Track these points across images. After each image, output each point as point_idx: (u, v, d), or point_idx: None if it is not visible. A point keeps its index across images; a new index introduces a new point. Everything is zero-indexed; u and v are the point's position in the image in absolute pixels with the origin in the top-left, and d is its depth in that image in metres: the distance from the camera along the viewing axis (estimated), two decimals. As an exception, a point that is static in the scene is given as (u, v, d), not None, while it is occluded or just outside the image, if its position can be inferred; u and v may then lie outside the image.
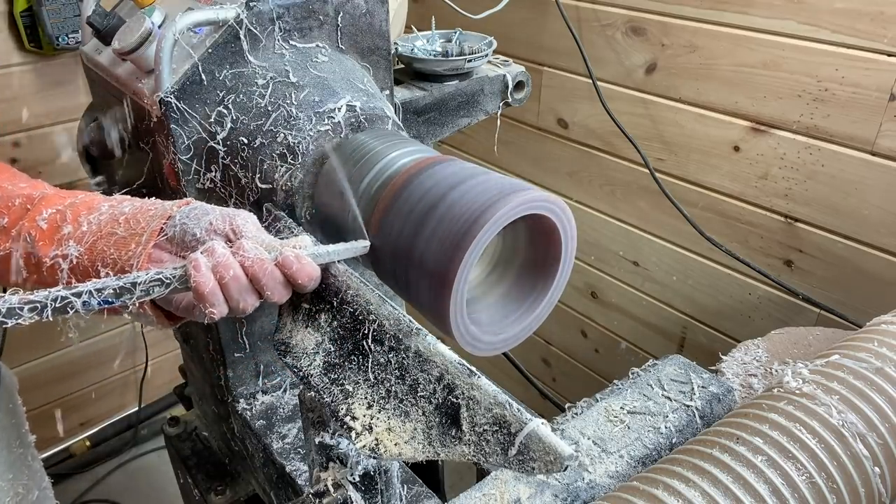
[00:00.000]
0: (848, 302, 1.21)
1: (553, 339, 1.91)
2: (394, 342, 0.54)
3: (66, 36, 1.45)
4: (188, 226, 0.59)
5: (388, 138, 0.70)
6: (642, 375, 0.92)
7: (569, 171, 1.66)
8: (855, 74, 1.10)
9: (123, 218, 0.61)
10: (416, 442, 0.51)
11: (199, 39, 0.75)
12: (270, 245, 0.58)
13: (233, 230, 0.59)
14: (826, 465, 0.66)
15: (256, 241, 0.58)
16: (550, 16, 1.50)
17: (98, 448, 2.02)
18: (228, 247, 0.57)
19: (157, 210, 0.62)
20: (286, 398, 0.96)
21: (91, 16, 0.81)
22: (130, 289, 0.52)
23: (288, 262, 0.56)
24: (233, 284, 0.55)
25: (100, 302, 0.51)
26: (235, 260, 0.56)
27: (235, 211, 0.61)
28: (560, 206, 0.60)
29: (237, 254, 0.56)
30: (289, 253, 0.57)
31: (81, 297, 0.50)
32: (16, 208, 0.67)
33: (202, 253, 0.55)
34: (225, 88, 0.75)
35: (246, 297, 0.57)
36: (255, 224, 0.61)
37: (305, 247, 0.59)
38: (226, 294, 0.56)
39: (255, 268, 0.56)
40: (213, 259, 0.55)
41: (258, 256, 0.56)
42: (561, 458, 0.43)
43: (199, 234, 0.59)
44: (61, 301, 0.49)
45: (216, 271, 0.55)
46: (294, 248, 0.58)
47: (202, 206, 0.62)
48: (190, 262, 0.54)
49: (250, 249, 0.56)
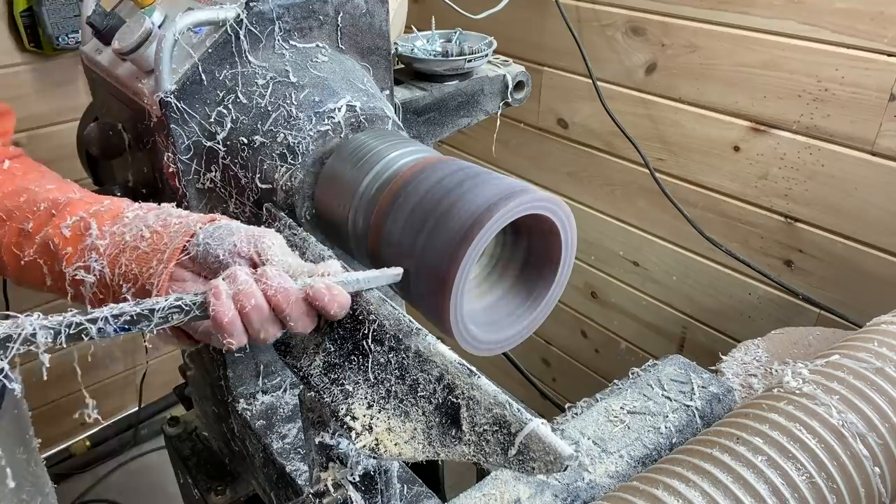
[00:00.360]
0: (848, 302, 1.21)
1: (553, 339, 1.91)
2: (394, 342, 0.54)
3: (66, 36, 1.45)
4: (211, 246, 0.57)
5: (388, 138, 0.70)
6: (642, 375, 0.92)
7: (569, 171, 1.66)
8: (855, 74, 1.10)
9: (148, 231, 0.60)
10: (416, 442, 0.51)
11: (199, 39, 0.75)
12: (297, 270, 0.56)
13: (258, 252, 0.56)
14: (826, 465, 0.66)
15: (283, 264, 0.55)
16: (550, 16, 1.50)
17: (98, 448, 2.02)
18: (252, 272, 0.54)
19: (181, 225, 0.59)
20: (286, 398, 0.96)
21: (91, 16, 0.81)
22: (148, 316, 0.50)
23: (319, 294, 0.53)
24: (254, 314, 0.53)
25: (116, 328, 0.49)
26: (258, 288, 0.53)
27: (261, 232, 0.58)
28: (560, 206, 0.60)
29: (260, 281, 0.53)
30: (319, 284, 0.54)
31: (97, 323, 0.48)
32: (41, 213, 0.65)
33: (224, 279, 0.53)
34: (225, 88, 0.75)
35: (268, 328, 0.54)
36: (282, 246, 0.58)
37: (334, 273, 0.56)
38: (246, 323, 0.53)
39: (278, 297, 0.53)
40: (234, 286, 0.52)
41: (282, 286, 0.53)
42: (561, 458, 0.43)
43: (223, 255, 0.56)
44: (76, 327, 0.48)
45: (237, 300, 0.52)
46: (323, 274, 0.55)
47: (227, 224, 0.59)
48: (210, 289, 0.52)
49: (274, 277, 0.53)
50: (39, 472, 0.91)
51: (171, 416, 1.29)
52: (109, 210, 0.63)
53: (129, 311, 0.49)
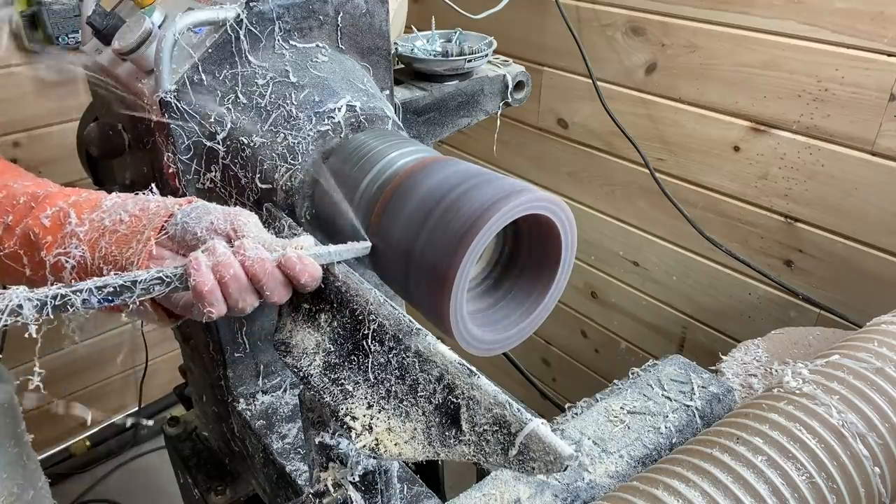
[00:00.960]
0: (848, 302, 1.21)
1: (553, 339, 1.91)
2: (394, 342, 0.54)
3: (66, 36, 1.45)
4: (189, 224, 0.59)
5: (387, 138, 0.70)
6: (642, 375, 0.92)
7: (569, 171, 1.66)
8: (855, 74, 1.10)
9: (126, 215, 0.62)
10: (416, 442, 0.51)
11: (199, 39, 0.75)
12: (272, 244, 0.58)
13: (234, 229, 0.59)
14: (826, 465, 0.66)
15: (258, 240, 0.58)
16: (550, 16, 1.50)
17: (98, 448, 2.02)
18: (229, 246, 0.57)
19: (160, 207, 0.62)
20: (286, 398, 0.96)
21: (91, 16, 0.81)
22: (131, 287, 0.52)
23: (290, 263, 0.56)
24: (232, 284, 0.55)
25: (100, 300, 0.51)
26: (236, 259, 0.56)
27: (237, 210, 0.61)
28: (560, 207, 0.60)
29: (238, 253, 0.56)
30: (291, 253, 0.57)
31: (82, 294, 0.50)
32: (20, 206, 0.67)
33: (203, 252, 0.56)
34: (225, 88, 0.75)
35: (245, 297, 0.57)
36: (256, 224, 0.61)
37: (307, 247, 0.59)
38: (225, 293, 0.55)
39: (255, 267, 0.56)
40: (213, 258, 0.55)
41: (259, 256, 0.56)
42: (561, 458, 0.43)
43: (200, 233, 0.59)
44: (61, 299, 0.49)
45: (216, 270, 0.55)
46: (296, 248, 0.58)
47: (204, 204, 0.61)
48: (190, 260, 0.54)
49: (251, 249, 0.56)
50: (32, 465, 0.91)
51: (171, 416, 1.29)
52: (88, 200, 0.65)
53: (112, 282, 0.51)
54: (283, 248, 0.58)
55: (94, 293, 0.51)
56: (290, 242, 0.59)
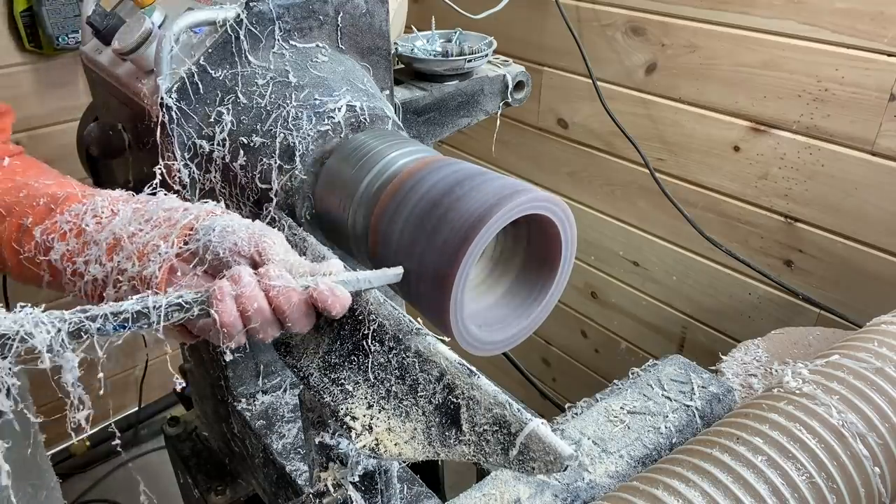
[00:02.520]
0: (848, 302, 1.21)
1: (553, 339, 1.91)
2: (394, 342, 0.54)
3: (66, 36, 1.45)
4: (212, 243, 0.56)
5: (388, 138, 0.70)
6: (642, 375, 0.92)
7: (569, 171, 1.66)
8: (855, 74, 1.10)
9: (148, 225, 0.59)
10: (416, 442, 0.51)
11: (198, 39, 0.74)
12: (298, 268, 0.55)
13: (259, 252, 0.55)
14: (826, 465, 0.66)
15: (284, 265, 0.55)
16: (550, 16, 1.50)
17: (98, 448, 2.02)
18: (254, 272, 0.53)
19: (181, 218, 0.59)
20: (286, 398, 0.96)
21: (91, 16, 0.81)
22: (147, 314, 0.49)
23: (322, 297, 0.53)
24: (256, 316, 0.52)
25: (115, 327, 0.48)
26: (261, 290, 0.52)
27: (262, 230, 0.57)
28: (560, 207, 0.60)
29: (262, 281, 0.53)
30: (322, 287, 0.53)
31: (96, 321, 0.48)
32: (40, 208, 0.65)
33: (227, 279, 0.52)
34: (225, 89, 0.75)
35: (267, 329, 0.54)
36: (283, 245, 0.57)
37: (336, 272, 0.55)
38: (246, 324, 0.53)
39: (280, 300, 0.52)
40: (237, 288, 0.52)
41: (285, 286, 0.52)
42: (561, 458, 0.43)
43: (223, 253, 0.55)
44: (76, 325, 0.47)
45: (239, 301, 0.52)
46: (325, 274, 0.54)
47: (228, 220, 0.58)
48: (213, 290, 0.52)
49: (276, 278, 0.53)
50: (45, 465, 0.91)
51: (171, 416, 1.29)
52: (106, 205, 0.63)
53: (129, 308, 0.49)
54: (312, 274, 0.55)
55: (109, 320, 0.48)
56: (319, 268, 0.55)
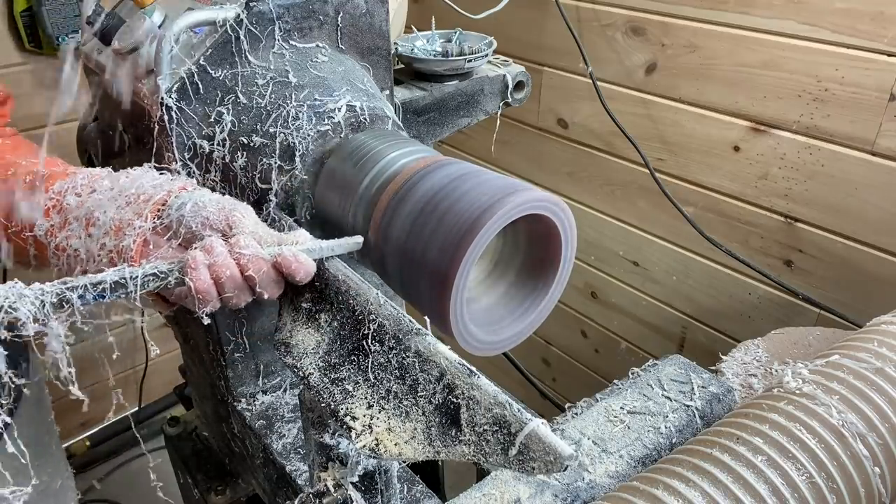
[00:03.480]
0: (848, 302, 1.21)
1: (553, 339, 1.91)
2: (394, 342, 0.54)
3: (66, 36, 1.45)
4: (184, 218, 0.59)
5: (388, 138, 0.70)
6: (642, 375, 0.92)
7: (569, 171, 1.66)
8: (855, 74, 1.10)
9: (123, 199, 0.62)
10: (416, 442, 0.51)
11: (199, 39, 0.74)
12: (267, 239, 0.59)
13: (229, 225, 0.59)
14: (826, 465, 0.66)
15: (254, 236, 0.58)
16: (550, 16, 1.50)
17: (98, 448, 2.01)
18: (225, 241, 0.57)
19: (154, 194, 0.62)
20: (286, 398, 0.96)
21: (91, 16, 0.81)
22: (125, 284, 0.53)
23: (286, 262, 0.57)
24: (228, 283, 0.56)
25: (95, 296, 0.52)
26: (232, 259, 0.56)
27: (232, 204, 0.61)
28: (560, 207, 0.60)
29: (233, 251, 0.57)
30: (287, 253, 0.57)
31: (77, 290, 0.51)
32: (26, 186, 0.68)
33: (200, 250, 0.56)
34: (225, 89, 0.75)
35: (240, 294, 0.58)
36: (252, 217, 0.61)
37: (302, 242, 0.59)
38: (220, 291, 0.57)
39: (250, 266, 0.57)
40: (210, 257, 0.56)
41: (254, 254, 0.57)
42: (561, 458, 0.43)
43: (196, 227, 0.59)
44: (57, 296, 0.50)
45: (212, 270, 0.56)
46: (292, 243, 0.58)
47: (200, 195, 0.61)
48: (187, 259, 0.55)
49: (246, 247, 0.57)
50: (59, 455, 0.92)
51: (171, 416, 1.29)
52: (87, 182, 0.66)
53: (108, 279, 0.52)
54: (279, 243, 0.58)
55: (89, 289, 0.51)
56: (286, 237, 0.59)
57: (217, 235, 0.59)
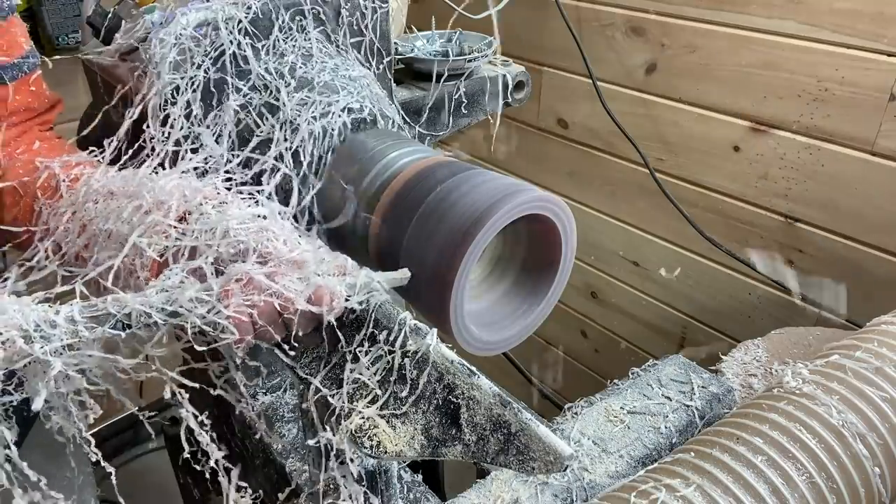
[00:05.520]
0: (848, 302, 1.21)
1: (553, 339, 1.91)
2: (394, 342, 0.54)
3: (66, 36, 1.45)
4: (210, 239, 0.54)
5: (388, 138, 0.70)
6: (642, 375, 0.92)
7: (569, 171, 1.66)
8: (855, 74, 1.10)
9: (139, 212, 0.57)
10: (416, 442, 0.51)
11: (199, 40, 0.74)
12: (304, 263, 0.53)
13: (262, 255, 0.53)
14: (826, 465, 0.66)
15: (289, 263, 0.53)
16: (550, 16, 1.50)
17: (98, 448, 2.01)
18: (260, 268, 0.52)
19: (173, 205, 0.56)
20: (286, 398, 0.96)
21: (91, 16, 0.81)
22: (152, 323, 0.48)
23: (319, 299, 0.52)
24: (262, 319, 0.51)
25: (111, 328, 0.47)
26: (264, 296, 0.51)
27: (261, 221, 0.55)
28: (560, 207, 0.60)
29: (270, 285, 0.51)
30: (323, 293, 0.52)
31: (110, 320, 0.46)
32: (50, 189, 0.67)
33: (236, 281, 0.51)
34: (224, 89, 0.75)
35: (273, 330, 0.53)
36: (288, 235, 0.55)
37: (345, 272, 0.54)
38: (254, 327, 0.52)
39: (289, 307, 0.52)
40: (245, 293, 0.51)
41: (289, 294, 0.51)
42: (561, 458, 0.43)
43: (222, 248, 0.53)
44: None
45: (247, 302, 0.50)
46: (332, 275, 0.53)
47: (224, 212, 0.55)
48: (222, 289, 0.50)
49: (286, 283, 0.52)
50: (80, 451, 0.92)
51: (171, 416, 1.29)
52: (101, 189, 0.62)
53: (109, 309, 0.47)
54: (318, 272, 0.53)
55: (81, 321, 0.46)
56: (327, 266, 0.54)
57: (251, 261, 0.52)
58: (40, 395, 0.44)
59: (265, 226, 0.55)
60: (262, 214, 0.56)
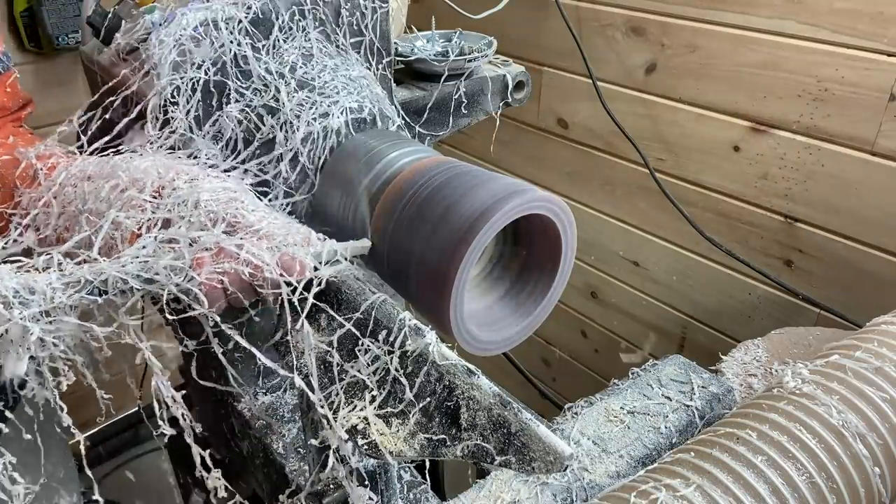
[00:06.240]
0: (848, 302, 1.21)
1: (553, 339, 1.91)
2: (394, 342, 0.54)
3: (66, 36, 1.45)
4: (183, 211, 0.57)
5: (388, 138, 0.70)
6: (642, 375, 0.92)
7: (569, 171, 1.66)
8: (855, 74, 1.10)
9: (115, 190, 0.60)
10: (416, 442, 0.51)
11: (199, 40, 0.74)
12: (273, 233, 0.57)
13: (231, 224, 0.57)
14: (826, 465, 0.66)
15: (257, 230, 0.56)
16: (550, 16, 1.50)
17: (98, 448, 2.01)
18: (227, 237, 0.55)
19: (148, 182, 0.59)
20: (286, 398, 0.96)
21: (91, 16, 0.81)
22: (124, 283, 0.50)
23: (288, 268, 0.56)
24: (233, 285, 0.55)
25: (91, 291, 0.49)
26: (234, 264, 0.54)
27: (234, 192, 0.58)
28: (560, 206, 0.60)
29: (238, 252, 0.55)
30: (288, 259, 0.56)
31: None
32: (28, 178, 0.68)
33: (206, 251, 0.54)
34: (224, 89, 0.75)
35: (245, 296, 0.56)
36: (254, 204, 0.58)
37: (310, 242, 0.58)
38: (225, 292, 0.55)
39: (257, 272, 0.55)
40: (215, 262, 0.54)
41: (258, 260, 0.55)
42: (561, 458, 0.43)
43: (194, 219, 0.57)
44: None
45: (218, 270, 0.54)
46: (296, 245, 0.57)
47: (196, 186, 0.59)
48: (194, 259, 0.54)
49: (254, 249, 0.55)
50: (63, 447, 0.92)
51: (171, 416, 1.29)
52: (77, 173, 0.64)
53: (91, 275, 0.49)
54: (283, 242, 0.56)
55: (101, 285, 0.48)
56: (291, 234, 0.57)
57: (220, 229, 0.56)
58: (23, 360, 0.44)
59: (235, 197, 0.58)
60: (232, 188, 0.60)
